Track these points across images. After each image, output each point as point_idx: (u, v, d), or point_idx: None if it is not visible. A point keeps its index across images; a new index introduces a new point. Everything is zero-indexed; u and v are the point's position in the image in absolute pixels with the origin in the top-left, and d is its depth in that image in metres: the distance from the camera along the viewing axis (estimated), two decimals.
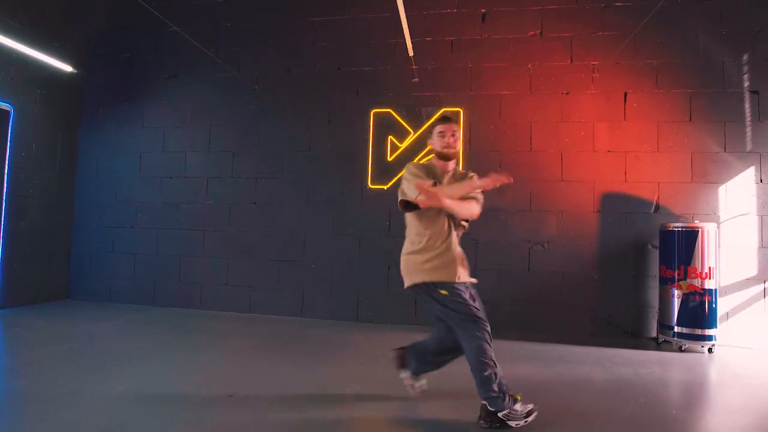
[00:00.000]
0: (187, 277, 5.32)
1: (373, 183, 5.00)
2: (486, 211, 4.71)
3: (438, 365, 2.62)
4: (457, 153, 2.56)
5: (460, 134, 2.56)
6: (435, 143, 2.50)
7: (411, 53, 4.43)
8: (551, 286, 4.67)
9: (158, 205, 5.44)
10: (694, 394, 3.01)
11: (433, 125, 2.54)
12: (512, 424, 2.19)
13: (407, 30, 4.07)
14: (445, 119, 2.55)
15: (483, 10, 4.96)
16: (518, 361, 3.49)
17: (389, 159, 4.98)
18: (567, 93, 4.77)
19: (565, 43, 4.80)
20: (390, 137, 5.00)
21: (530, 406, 2.25)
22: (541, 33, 4.85)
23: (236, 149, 5.32)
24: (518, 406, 2.22)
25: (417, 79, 4.99)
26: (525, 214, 4.76)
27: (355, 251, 5.01)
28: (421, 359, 2.61)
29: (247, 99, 5.34)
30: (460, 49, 4.97)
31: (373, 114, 5.04)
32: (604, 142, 4.69)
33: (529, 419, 2.23)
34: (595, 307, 4.61)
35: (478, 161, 4.74)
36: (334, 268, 5.05)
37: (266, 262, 5.18)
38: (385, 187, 4.96)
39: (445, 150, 2.46)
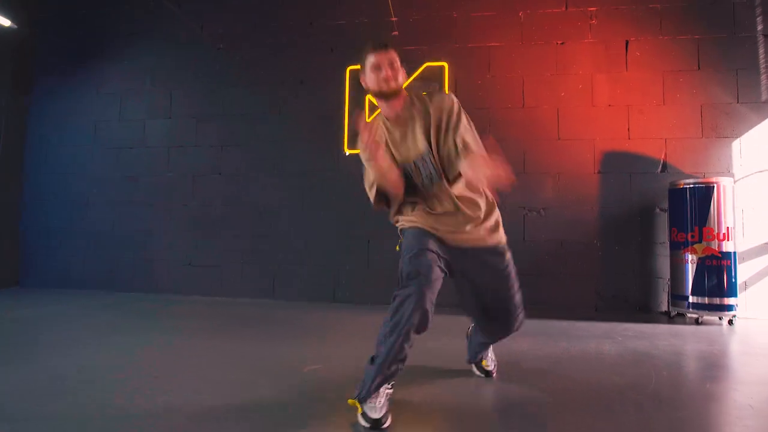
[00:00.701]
0: (148, 257, 4.80)
1: (350, 147, 4.51)
2: None
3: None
4: (400, 88, 1.78)
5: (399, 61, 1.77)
6: (370, 81, 1.78)
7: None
8: (550, 257, 4.19)
9: (115, 179, 4.92)
10: (722, 366, 2.55)
11: (364, 58, 1.78)
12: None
13: None
14: (378, 46, 1.77)
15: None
16: (517, 337, 3.00)
17: (368, 120, 4.48)
18: (562, 43, 4.30)
19: None
20: (368, 97, 4.49)
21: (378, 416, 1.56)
22: None
23: (200, 115, 4.82)
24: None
25: (397, 32, 4.51)
26: (518, 176, 4.27)
27: (332, 224, 4.52)
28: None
29: (211, 59, 4.84)
30: None
31: (350, 72, 4.54)
32: (605, 95, 4.22)
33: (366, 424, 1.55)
34: (599, 278, 4.14)
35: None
36: (309, 243, 4.55)
37: (234, 239, 4.67)
38: None
39: (384, 87, 1.73)
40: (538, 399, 1.92)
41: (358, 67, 4.44)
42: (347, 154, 4.51)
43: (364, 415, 1.57)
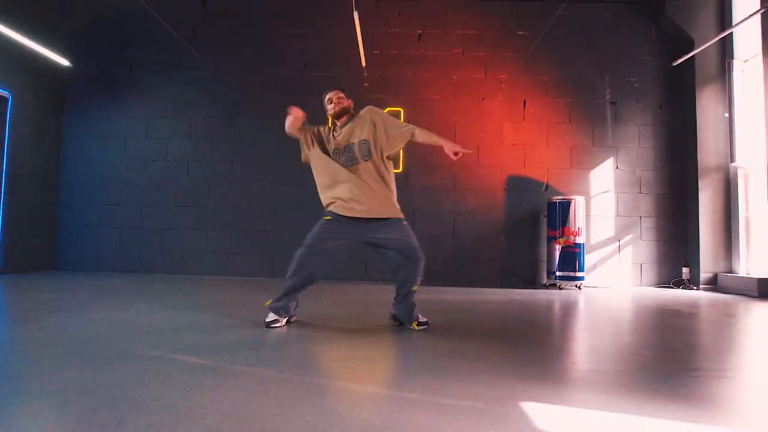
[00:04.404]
0: (170, 246, 6.18)
1: None
2: (422, 190, 5.99)
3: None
4: (345, 109, 2.99)
5: (344, 95, 3.06)
6: (328, 110, 3.01)
7: (364, 64, 5.65)
8: (470, 247, 6.07)
9: (142, 185, 6.25)
10: (569, 307, 4.48)
11: (323, 97, 3.04)
12: None
13: (362, 48, 5.28)
14: (330, 88, 3.08)
15: (419, 32, 6.29)
16: (446, 294, 4.81)
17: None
18: (482, 99, 6.21)
19: (481, 60, 6.24)
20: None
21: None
22: (462, 52, 6.25)
23: (214, 137, 6.26)
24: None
25: (367, 84, 6.22)
26: (451, 191, 6.13)
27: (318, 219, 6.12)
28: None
29: (224, 95, 6.30)
30: (401, 61, 6.26)
31: None
32: (510, 137, 6.17)
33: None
34: (502, 262, 6.06)
35: (415, 152, 6.04)
36: (301, 235, 6.11)
37: (241, 232, 6.16)
38: None
39: (331, 113, 2.99)
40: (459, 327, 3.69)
41: None
42: None
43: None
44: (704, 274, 5.72)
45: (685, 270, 5.92)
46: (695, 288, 5.70)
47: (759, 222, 5.49)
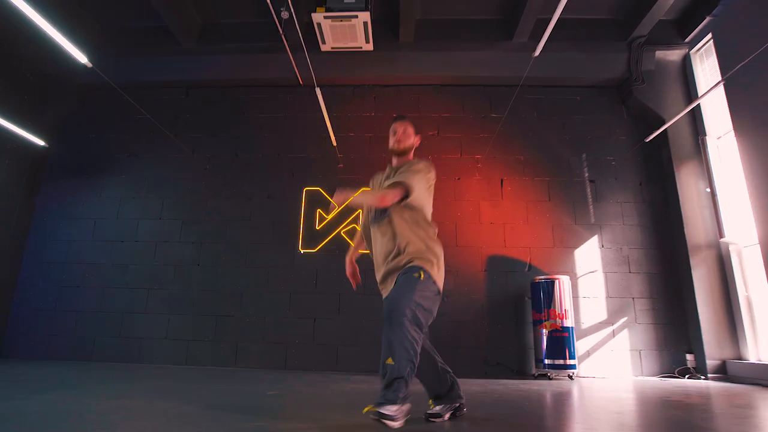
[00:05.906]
0: (128, 332, 5.74)
1: (303, 248, 5.92)
2: None
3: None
4: (408, 149, 2.57)
5: (412, 131, 2.59)
6: (389, 142, 2.53)
7: (334, 143, 5.67)
8: (450, 333, 5.58)
9: (107, 266, 5.99)
10: (557, 400, 3.91)
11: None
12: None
13: (330, 126, 5.33)
14: (396, 118, 2.54)
15: (394, 115, 6.38)
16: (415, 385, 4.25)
17: (317, 228, 5.98)
18: (458, 178, 6.13)
19: (456, 141, 6.27)
20: (318, 210, 6.04)
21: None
22: (438, 133, 6.32)
23: (185, 218, 6.13)
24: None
25: (342, 165, 6.21)
26: None
27: (286, 306, 5.74)
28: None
29: (198, 177, 6.29)
30: (377, 143, 6.31)
31: (305, 191, 6.12)
32: (488, 215, 5.98)
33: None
34: (486, 349, 5.53)
35: None
36: (267, 321, 5.71)
37: (205, 317, 5.76)
38: (314, 251, 5.89)
39: (392, 147, 2.54)
40: None
41: (312, 188, 6.01)
42: (302, 252, 5.90)
43: None
44: (711, 361, 5.14)
45: (689, 357, 5.34)
46: (703, 377, 5.09)
47: (762, 302, 5.04)
